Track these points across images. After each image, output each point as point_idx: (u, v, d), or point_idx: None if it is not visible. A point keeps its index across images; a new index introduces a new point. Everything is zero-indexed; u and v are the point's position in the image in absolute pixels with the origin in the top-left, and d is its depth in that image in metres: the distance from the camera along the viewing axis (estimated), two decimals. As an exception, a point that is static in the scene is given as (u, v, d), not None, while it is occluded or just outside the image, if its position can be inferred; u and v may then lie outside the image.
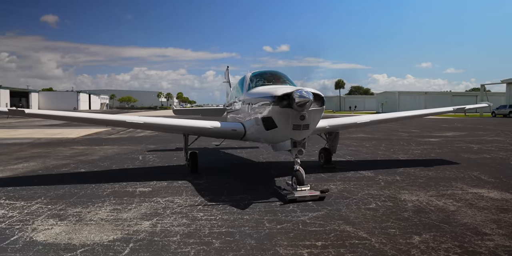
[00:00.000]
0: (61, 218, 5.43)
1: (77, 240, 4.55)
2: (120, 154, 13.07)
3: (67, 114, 8.56)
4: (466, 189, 7.09)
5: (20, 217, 5.50)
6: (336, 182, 7.82)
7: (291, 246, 4.25)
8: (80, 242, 4.49)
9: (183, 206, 6.06)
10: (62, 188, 7.44)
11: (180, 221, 5.24)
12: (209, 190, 7.16)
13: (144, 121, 8.26)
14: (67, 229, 4.94)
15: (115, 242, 4.45)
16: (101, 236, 4.68)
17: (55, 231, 4.87)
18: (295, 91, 6.14)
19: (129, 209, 5.89)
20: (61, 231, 4.88)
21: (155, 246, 4.30)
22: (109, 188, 7.47)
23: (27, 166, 10.54)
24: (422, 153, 12.43)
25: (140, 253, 4.13)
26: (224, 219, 5.29)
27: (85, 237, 4.65)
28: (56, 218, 5.43)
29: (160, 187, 7.54)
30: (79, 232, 4.82)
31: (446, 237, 4.49)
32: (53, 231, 4.89)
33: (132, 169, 9.84)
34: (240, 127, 8.14)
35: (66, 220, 5.34)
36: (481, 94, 60.68)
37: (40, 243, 4.47)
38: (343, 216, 5.39)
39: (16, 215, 5.61)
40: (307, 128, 6.52)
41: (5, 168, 10.18)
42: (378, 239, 4.45)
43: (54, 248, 4.32)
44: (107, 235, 4.71)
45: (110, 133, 22.95)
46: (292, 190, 6.46)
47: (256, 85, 8.20)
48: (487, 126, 27.54)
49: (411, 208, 5.78)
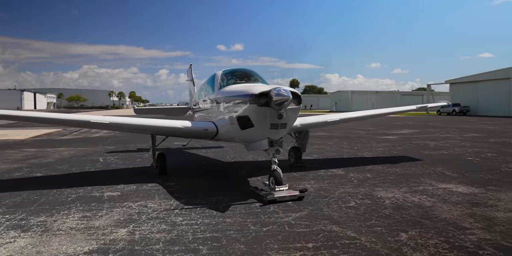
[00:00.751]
0: (23, 229, 4.91)
1: (48, 253, 4.12)
2: (77, 156, 12.29)
3: (19, 113, 7.82)
4: (435, 184, 7.36)
5: (-26, 230, 4.91)
6: (310, 181, 7.81)
7: (283, 249, 4.12)
8: (52, 255, 4.07)
9: (158, 210, 5.73)
10: (19, 195, 6.79)
11: (159, 227, 4.93)
12: (182, 193, 6.86)
13: (110, 121, 7.75)
14: (34, 242, 4.46)
15: (92, 254, 4.07)
16: (74, 247, 4.27)
17: (20, 245, 4.37)
18: (273, 89, 6.01)
19: (100, 216, 5.47)
20: (27, 244, 4.40)
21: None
22: (73, 193, 6.93)
23: (-28, 171, 9.58)
24: (385, 151, 12.84)
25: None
26: (205, 223, 5.05)
27: (56, 249, 4.22)
28: (18, 230, 4.90)
29: (129, 190, 7.11)
30: (48, 244, 4.36)
31: (431, 233, 4.58)
32: (16, 244, 4.39)
33: (94, 172, 9.24)
34: (212, 127, 7.88)
35: (30, 231, 4.83)
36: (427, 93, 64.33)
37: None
38: (327, 216, 5.35)
39: (-31, 228, 5.00)
40: (285, 127, 6.42)
41: None
42: (367, 238, 4.43)
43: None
44: (81, 246, 4.30)
45: (62, 134, 21.61)
46: (270, 191, 6.33)
47: (227, 83, 7.98)
48: (436, 124, 29.16)
49: (390, 205, 5.87)
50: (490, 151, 12.31)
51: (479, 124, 29.24)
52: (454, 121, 34.28)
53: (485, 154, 11.73)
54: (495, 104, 48.23)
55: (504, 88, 48.05)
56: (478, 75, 52.21)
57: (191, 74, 15.15)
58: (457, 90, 56.50)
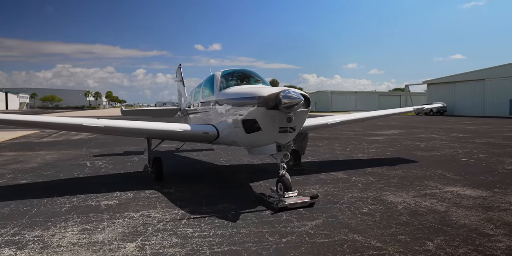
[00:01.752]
0: (19, 247, 4.46)
1: (52, 274, 3.73)
2: (62, 160, 11.68)
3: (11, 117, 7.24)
4: (441, 188, 7.28)
5: (-38, 248, 4.43)
6: (314, 185, 7.60)
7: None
8: (57, 276, 3.68)
9: (164, 221, 5.38)
10: (6, 206, 6.28)
11: (170, 240, 4.59)
12: (185, 201, 6.51)
13: (105, 124, 7.30)
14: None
15: (103, 274, 3.71)
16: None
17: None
18: (282, 92, 5.76)
19: (102, 229, 5.07)
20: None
21: (155, 276, 3.65)
22: (66, 202, 6.47)
23: None
24: (378, 152, 12.80)
25: (141, 286, 3.46)
26: (219, 235, 4.75)
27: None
28: (13, 247, 4.46)
29: (127, 198, 6.70)
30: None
31: (457, 241, 4.43)
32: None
33: (85, 178, 8.74)
34: (212, 130, 7.56)
35: (27, 249, 4.40)
36: (405, 94, 65.58)
37: (3, 282, 3.58)
38: (344, 224, 5.14)
39: (-44, 245, 4.52)
40: (294, 131, 6.18)
41: None
42: (395, 248, 4.24)
43: (25, 287, 3.47)
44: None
45: (41, 136, 20.72)
46: (279, 197, 6.08)
47: (228, 84, 7.67)
48: (418, 124, 29.63)
49: (404, 211, 5.72)
50: (481, 152, 12.46)
51: (459, 124, 29.91)
52: (434, 121, 34.98)
53: (477, 154, 11.85)
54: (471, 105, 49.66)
55: (479, 89, 49.54)
56: (454, 76, 53.62)
57: (180, 74, 14.69)
58: (434, 91, 57.85)
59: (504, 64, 47.18)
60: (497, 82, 47.00)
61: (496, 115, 44.61)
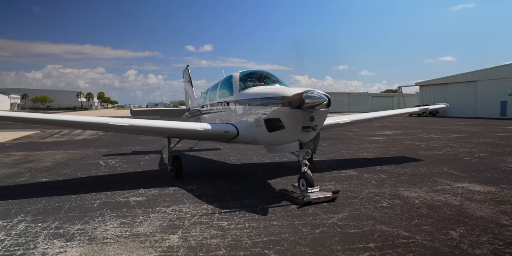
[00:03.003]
0: (67, 238, 4.71)
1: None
2: (73, 159, 11.86)
3: (38, 116, 7.44)
4: (451, 184, 7.66)
5: (13, 240, 4.65)
6: (330, 182, 7.93)
7: (348, 250, 4.19)
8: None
9: (197, 215, 5.65)
10: (38, 202, 6.50)
11: (210, 232, 4.87)
12: (210, 197, 6.79)
13: (130, 123, 7.53)
14: (87, 251, 4.30)
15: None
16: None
17: (73, 255, 4.21)
18: (305, 92, 6.08)
19: (140, 223, 5.33)
20: (81, 253, 4.24)
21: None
22: (95, 199, 6.71)
23: (-33, 177, 9.05)
24: (382, 151, 13.19)
25: (198, 271, 3.74)
26: (255, 227, 5.04)
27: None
28: (62, 239, 4.70)
29: (153, 195, 6.96)
30: (105, 254, 4.22)
31: (478, 230, 4.80)
32: (69, 254, 4.22)
33: (104, 177, 8.95)
34: (232, 129, 7.84)
35: (76, 240, 4.65)
36: (398, 95, 66.35)
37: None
38: (369, 216, 5.47)
39: (5, 238, 4.74)
40: (315, 129, 6.50)
41: None
42: (422, 237, 4.59)
43: (89, 274, 3.73)
44: (140, 254, 4.19)
45: (43, 137, 20.75)
46: (302, 193, 6.39)
47: (247, 85, 7.97)
48: (414, 125, 30.18)
49: (422, 205, 6.07)
50: (481, 151, 12.92)
51: (453, 125, 30.52)
52: (428, 122, 35.59)
53: (478, 154, 12.30)
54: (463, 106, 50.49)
55: (470, 90, 50.45)
56: (446, 78, 54.51)
57: (188, 75, 14.93)
58: (426, 92, 58.67)
59: (496, 66, 48.15)
60: (489, 83, 47.95)
61: (488, 117, 45.51)
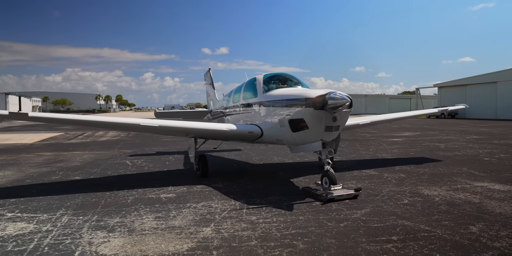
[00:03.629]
0: (109, 230, 5.10)
1: (151, 251, 4.34)
2: (101, 159, 12.38)
3: (75, 117, 7.96)
4: (471, 183, 7.81)
5: (60, 231, 5.07)
6: (351, 181, 8.17)
7: (372, 242, 4.45)
8: (156, 253, 4.28)
9: (226, 210, 5.98)
10: (75, 198, 6.95)
11: (240, 225, 5.20)
12: (236, 194, 7.12)
13: (160, 124, 7.96)
14: (129, 241, 4.67)
15: (196, 251, 4.31)
16: (174, 245, 4.50)
17: (117, 244, 4.59)
18: (328, 94, 6.36)
19: (174, 217, 5.69)
20: (124, 243, 4.61)
21: (241, 252, 4.24)
22: (128, 195, 7.12)
23: (5, 175, 9.65)
24: (401, 152, 13.32)
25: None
26: (282, 221, 5.34)
27: (157, 248, 4.45)
28: (104, 230, 5.10)
29: (182, 192, 7.33)
30: (146, 243, 4.59)
31: (497, 226, 4.99)
32: (114, 243, 4.60)
33: (133, 175, 9.40)
34: (256, 129, 8.17)
35: (117, 232, 5.03)
36: (416, 97, 65.68)
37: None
38: (391, 212, 5.70)
39: (52, 229, 5.17)
40: (338, 129, 6.78)
41: (-21, 178, 9.22)
42: (442, 231, 4.81)
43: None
44: (179, 244, 4.54)
45: (68, 138, 21.52)
46: (325, 190, 6.66)
47: (270, 87, 8.29)
48: (432, 127, 29.98)
49: (442, 202, 6.27)
50: (501, 152, 12.92)
51: (473, 126, 30.18)
52: (447, 123, 35.24)
53: (498, 154, 12.32)
54: (482, 107, 49.65)
55: (490, 91, 49.61)
56: (466, 79, 53.74)
57: (210, 78, 15.37)
58: (445, 94, 57.94)
59: (517, 67, 47.33)
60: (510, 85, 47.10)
61: (508, 118, 44.69)
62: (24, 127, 32.28)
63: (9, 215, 5.90)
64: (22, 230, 5.13)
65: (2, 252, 4.36)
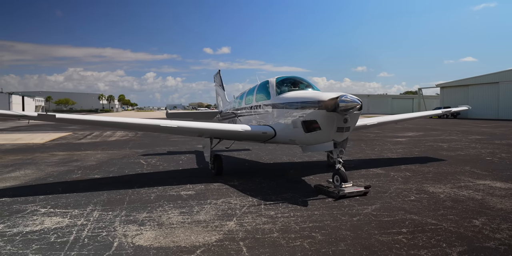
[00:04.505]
0: (139, 224, 5.53)
1: (183, 242, 4.76)
2: (115, 159, 12.82)
3: (100, 119, 8.39)
4: (474, 181, 8.23)
5: (94, 225, 5.50)
6: (360, 179, 8.59)
7: (385, 234, 4.88)
8: (187, 244, 4.70)
9: (245, 206, 6.41)
10: (101, 195, 7.38)
11: (261, 219, 5.62)
12: (252, 191, 7.54)
13: (178, 125, 8.39)
14: (161, 233, 5.10)
15: (224, 242, 4.74)
16: (203, 237, 4.93)
17: (150, 236, 5.01)
18: (340, 97, 6.78)
19: (197, 212, 6.12)
20: (156, 235, 5.04)
21: (266, 243, 4.67)
22: (150, 192, 7.55)
23: (26, 173, 10.08)
24: (406, 152, 13.73)
25: (259, 249, 4.48)
26: (299, 216, 5.77)
27: (188, 239, 4.87)
28: (135, 224, 5.52)
29: (201, 190, 7.76)
30: (176, 235, 5.01)
31: (499, 219, 5.40)
32: (147, 235, 5.02)
33: (150, 174, 9.83)
34: (269, 130, 8.59)
35: (147, 225, 5.45)
36: (418, 97, 66.03)
37: (149, 247, 4.61)
38: (399, 208, 6.13)
39: (86, 223, 5.60)
40: (348, 130, 7.20)
41: (2, 176, 9.67)
42: (448, 224, 5.23)
43: (169, 250, 4.50)
44: (207, 236, 4.96)
45: (78, 138, 21.98)
46: (336, 187, 7.08)
47: (283, 90, 8.71)
48: (435, 127, 30.38)
49: (447, 199, 6.69)
50: (502, 152, 13.32)
51: (475, 126, 30.57)
52: (449, 124, 35.63)
53: (500, 154, 12.72)
54: (485, 107, 50.04)
55: (493, 92, 49.97)
56: (468, 79, 54.09)
57: (220, 80, 15.82)
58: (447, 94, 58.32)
59: (519, 67, 47.68)
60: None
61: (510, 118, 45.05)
62: (31, 127, 32.70)
63: (42, 210, 6.34)
64: (59, 224, 5.56)
65: (46, 242, 4.80)
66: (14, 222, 5.66)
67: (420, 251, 4.32)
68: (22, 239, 4.91)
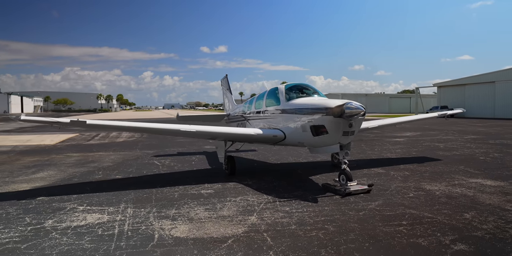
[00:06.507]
0: (172, 219, 6.28)
1: (215, 234, 5.52)
2: (129, 160, 13.54)
3: (129, 124, 9.11)
4: (466, 179, 9.03)
5: (132, 220, 6.25)
6: (362, 178, 9.37)
7: (387, 225, 5.66)
8: (219, 235, 5.46)
9: (262, 203, 7.17)
10: (128, 194, 8.11)
11: (279, 214, 6.38)
12: (266, 190, 8.30)
13: (197, 129, 9.13)
14: (193, 227, 5.86)
15: (249, 233, 5.51)
16: (230, 229, 5.69)
17: (185, 229, 5.77)
18: (345, 104, 7.56)
19: (220, 208, 6.88)
20: (190, 228, 5.79)
21: (286, 234, 5.44)
22: (173, 191, 8.29)
23: (50, 174, 10.79)
24: (404, 152, 14.54)
25: (281, 239, 5.24)
26: (311, 211, 6.54)
27: (217, 231, 5.63)
28: (168, 219, 6.28)
29: (219, 188, 8.52)
30: (207, 228, 5.77)
31: (486, 213, 6.20)
32: (182, 229, 5.78)
33: (168, 174, 10.58)
34: (280, 133, 9.35)
35: (179, 220, 6.20)
36: (415, 96, 66.92)
37: (186, 238, 5.36)
38: (399, 203, 6.91)
39: (124, 218, 6.34)
40: (353, 134, 7.98)
41: (29, 177, 10.39)
42: (442, 217, 6.02)
43: (204, 241, 5.25)
44: (234, 229, 5.72)
45: (85, 139, 22.69)
46: (343, 186, 7.86)
47: (291, 96, 9.47)
48: (432, 126, 31.23)
49: (442, 195, 7.48)
50: (495, 152, 14.15)
51: (471, 126, 31.44)
52: (446, 123, 36.46)
53: (493, 154, 13.55)
54: (481, 107, 51.00)
55: (489, 91, 50.91)
56: (464, 79, 55.02)
57: (227, 84, 16.57)
58: (444, 93, 59.24)
59: (514, 67, 48.61)
60: (508, 84, 48.36)
61: (506, 117, 46.00)
62: (36, 128, 33.21)
63: (80, 208, 7.09)
64: (100, 219, 6.31)
65: (96, 235, 5.55)
66: (60, 218, 6.41)
67: (418, 239, 5.10)
68: (73, 232, 5.66)
